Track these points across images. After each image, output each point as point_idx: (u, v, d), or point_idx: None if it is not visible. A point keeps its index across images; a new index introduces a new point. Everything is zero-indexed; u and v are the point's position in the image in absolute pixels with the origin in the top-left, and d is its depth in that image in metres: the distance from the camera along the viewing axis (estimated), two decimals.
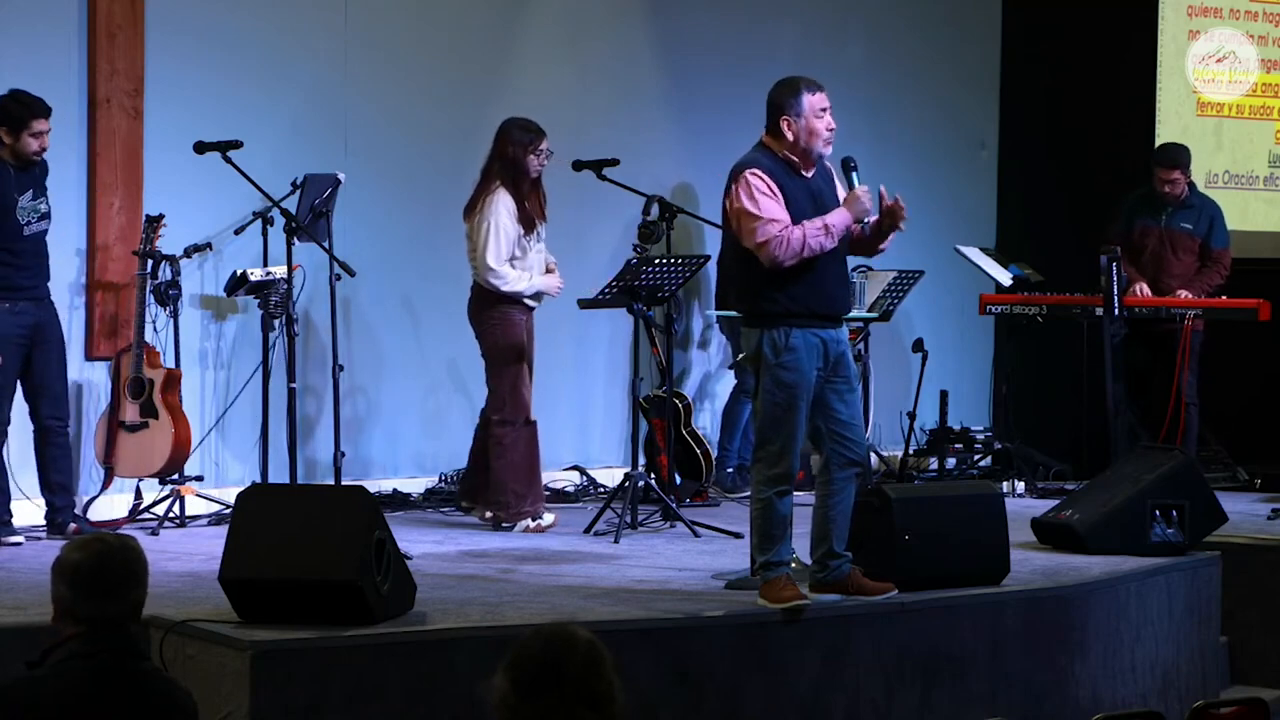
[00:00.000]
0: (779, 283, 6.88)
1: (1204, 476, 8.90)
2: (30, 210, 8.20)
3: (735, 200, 6.93)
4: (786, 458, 6.90)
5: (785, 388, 6.86)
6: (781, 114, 6.98)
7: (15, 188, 8.15)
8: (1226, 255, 10.68)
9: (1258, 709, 5.68)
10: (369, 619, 6.13)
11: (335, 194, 9.05)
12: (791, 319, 6.88)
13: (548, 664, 3.51)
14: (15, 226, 8.15)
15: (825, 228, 6.87)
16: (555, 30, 10.79)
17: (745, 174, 6.93)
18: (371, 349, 10.09)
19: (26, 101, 8.19)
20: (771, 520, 6.91)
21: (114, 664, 4.33)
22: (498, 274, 8.88)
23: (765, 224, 6.82)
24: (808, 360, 6.89)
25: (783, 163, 6.98)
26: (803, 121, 6.95)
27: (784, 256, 6.82)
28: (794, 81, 7.03)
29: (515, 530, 8.97)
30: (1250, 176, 11.97)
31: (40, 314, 8.25)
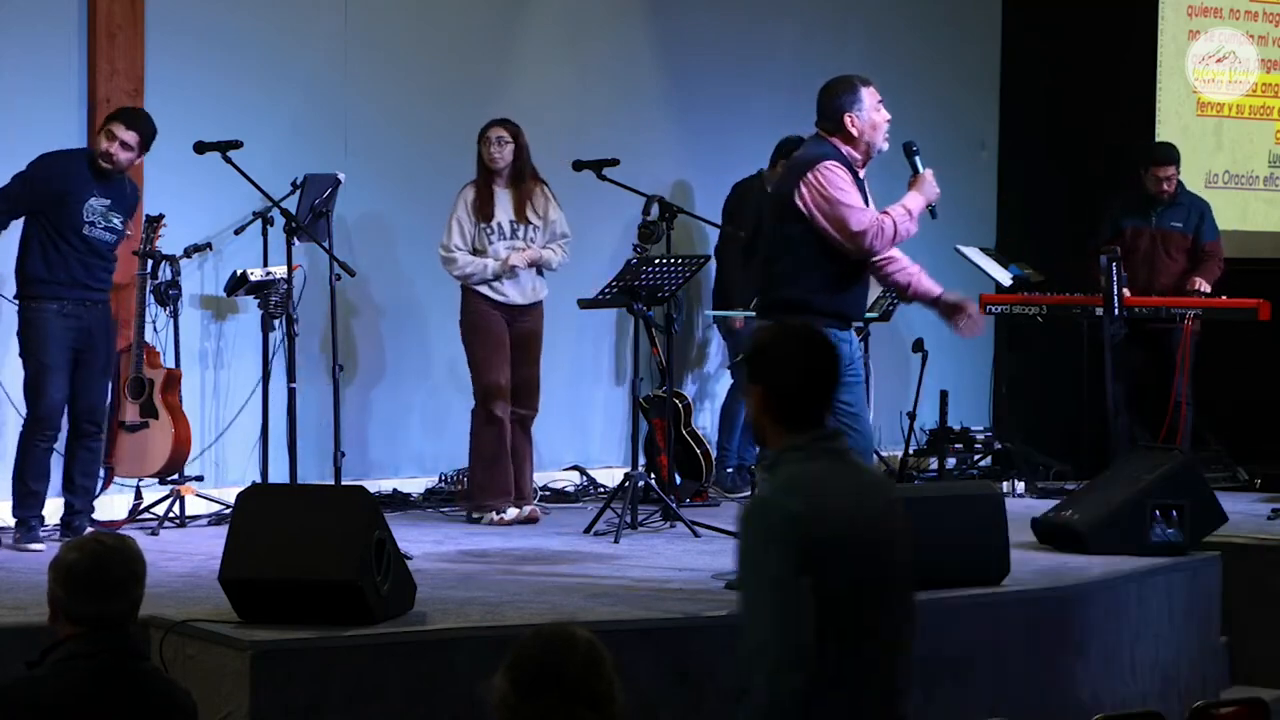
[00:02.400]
0: (820, 278, 6.93)
1: (1204, 476, 8.90)
2: (100, 214, 8.18)
3: (818, 192, 6.90)
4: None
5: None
6: (844, 111, 7.01)
7: (87, 186, 8.15)
8: (1218, 247, 10.68)
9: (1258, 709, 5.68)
10: (369, 619, 6.13)
11: (335, 194, 9.06)
12: (825, 316, 6.89)
13: (548, 664, 3.51)
14: (74, 221, 8.13)
15: (909, 213, 6.96)
16: (555, 30, 10.79)
17: (822, 167, 6.93)
18: (371, 349, 10.09)
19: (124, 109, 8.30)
20: None
21: (113, 664, 4.33)
22: (444, 258, 9.22)
23: (860, 212, 6.86)
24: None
25: (846, 161, 7.00)
26: (865, 115, 7.02)
27: (881, 245, 6.91)
28: (848, 79, 7.10)
29: (482, 522, 9.12)
30: (1250, 176, 11.96)
31: (90, 318, 8.22)
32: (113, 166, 8.18)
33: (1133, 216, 10.77)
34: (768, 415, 4.03)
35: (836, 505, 3.94)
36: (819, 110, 7.09)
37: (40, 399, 8.15)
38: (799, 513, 3.86)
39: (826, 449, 4.02)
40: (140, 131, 8.20)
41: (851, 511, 3.96)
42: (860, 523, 3.96)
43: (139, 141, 8.20)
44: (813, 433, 3.99)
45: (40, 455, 8.18)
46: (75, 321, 8.17)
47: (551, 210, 9.39)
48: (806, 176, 6.93)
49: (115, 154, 8.15)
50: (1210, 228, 10.70)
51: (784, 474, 4.00)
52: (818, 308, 6.91)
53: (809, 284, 6.93)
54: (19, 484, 8.19)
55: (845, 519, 3.93)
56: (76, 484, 8.30)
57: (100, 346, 8.29)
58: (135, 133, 8.18)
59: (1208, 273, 10.58)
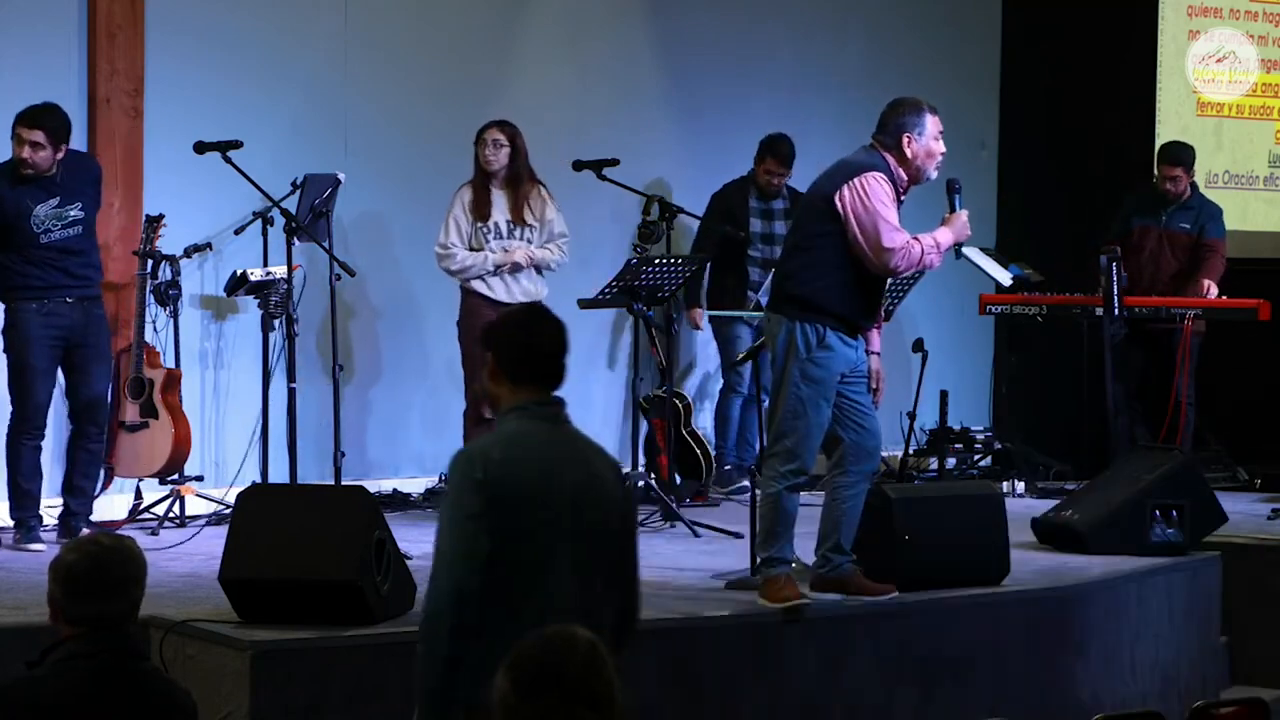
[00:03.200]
0: (830, 281, 6.96)
1: (1204, 476, 8.90)
2: (51, 217, 8.12)
3: (861, 199, 6.94)
4: (802, 454, 6.94)
5: (812, 383, 6.93)
6: (905, 131, 7.05)
7: (27, 197, 8.09)
8: (1222, 244, 10.65)
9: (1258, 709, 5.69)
10: (369, 619, 6.13)
11: (335, 194, 9.05)
12: (834, 320, 6.95)
13: (548, 664, 3.51)
14: (29, 234, 8.09)
15: (937, 245, 7.06)
16: (555, 30, 10.79)
17: (869, 176, 6.98)
18: (371, 349, 10.09)
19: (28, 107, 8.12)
20: (777, 516, 6.93)
21: (113, 664, 4.33)
22: (440, 254, 9.27)
23: (894, 231, 6.92)
24: (837, 362, 6.97)
25: (893, 178, 7.05)
26: (923, 141, 7.06)
27: (904, 266, 7.00)
28: (917, 101, 7.17)
29: None
30: (1250, 176, 11.96)
31: (77, 315, 8.19)
32: (35, 170, 8.07)
33: (1143, 215, 10.76)
34: (493, 380, 4.45)
35: (536, 464, 4.30)
36: (880, 124, 7.14)
37: (23, 398, 8.14)
38: (495, 461, 4.25)
39: (544, 414, 4.40)
40: (45, 126, 8.05)
41: (551, 472, 4.31)
42: (558, 485, 4.30)
43: (48, 136, 8.05)
44: (532, 398, 4.39)
45: (29, 454, 8.16)
46: (58, 319, 8.14)
47: (548, 211, 9.40)
48: (853, 181, 6.97)
49: (30, 157, 8.04)
50: (1216, 226, 10.69)
51: (500, 430, 4.41)
52: (830, 309, 6.95)
53: (826, 285, 6.97)
54: (12, 485, 8.20)
55: (541, 478, 4.29)
56: (75, 485, 8.29)
57: (92, 341, 8.24)
58: (40, 130, 8.04)
59: (1211, 270, 10.56)
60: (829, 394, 6.94)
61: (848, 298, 6.99)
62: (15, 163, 8.10)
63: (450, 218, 9.27)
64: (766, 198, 10.50)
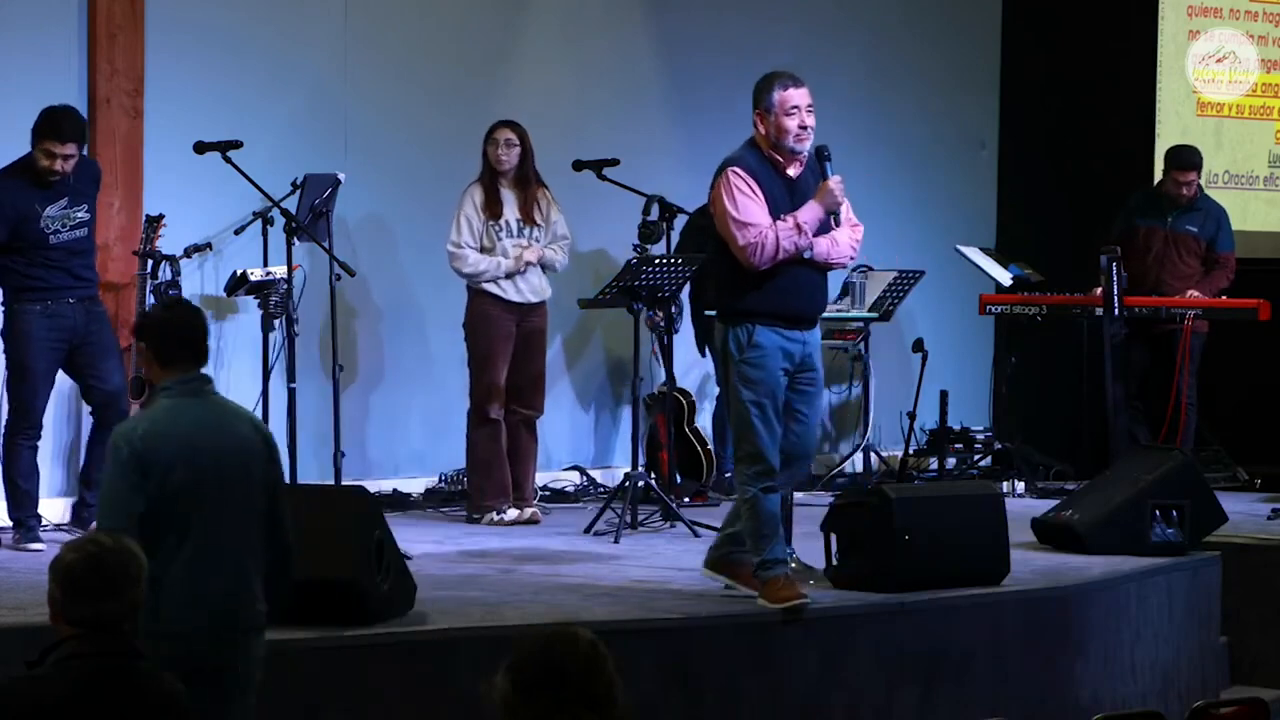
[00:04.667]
0: (751, 281, 6.92)
1: (1204, 476, 8.90)
2: (60, 219, 8.14)
3: (717, 200, 6.96)
4: (764, 455, 6.90)
5: (751, 384, 6.90)
6: (755, 108, 7.01)
7: (36, 199, 8.11)
8: (1231, 259, 10.67)
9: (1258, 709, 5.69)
10: (369, 619, 6.13)
11: (335, 194, 9.05)
12: (758, 317, 6.91)
13: (549, 664, 3.52)
14: (38, 235, 8.11)
15: (797, 226, 6.89)
16: (555, 30, 10.79)
17: (727, 172, 6.94)
18: (371, 349, 10.09)
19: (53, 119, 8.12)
20: (760, 519, 6.91)
21: (112, 664, 4.33)
22: (453, 254, 9.21)
23: (743, 229, 6.86)
24: (773, 358, 6.92)
25: (767, 161, 7.00)
26: (771, 118, 6.97)
27: (760, 261, 6.87)
28: (772, 76, 7.06)
29: (482, 522, 9.17)
30: (1250, 176, 11.96)
31: (79, 315, 8.20)
32: (61, 177, 8.12)
33: (1148, 216, 10.76)
34: (146, 365, 5.29)
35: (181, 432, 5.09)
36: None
37: (21, 399, 8.14)
38: (139, 436, 5.06)
39: (188, 389, 5.20)
40: (77, 140, 8.12)
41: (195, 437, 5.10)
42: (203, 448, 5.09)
43: (77, 147, 8.13)
44: (178, 376, 5.17)
45: (25, 454, 8.17)
46: (61, 320, 8.15)
47: (553, 213, 9.42)
48: (714, 185, 6.98)
49: (62, 169, 8.09)
50: (1226, 237, 10.69)
51: (150, 407, 5.25)
52: (752, 308, 6.93)
53: (744, 284, 6.94)
54: (9, 485, 8.20)
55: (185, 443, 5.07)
56: (93, 478, 8.24)
57: (95, 339, 8.24)
58: (74, 143, 8.10)
59: (1213, 282, 10.57)
60: (773, 390, 6.92)
61: (770, 291, 6.93)
62: (41, 171, 8.10)
63: (461, 216, 9.24)
64: None
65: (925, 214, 12.18)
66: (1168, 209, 10.72)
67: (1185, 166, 10.65)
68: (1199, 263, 10.69)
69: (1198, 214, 10.70)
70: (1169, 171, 10.75)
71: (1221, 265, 10.63)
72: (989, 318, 11.34)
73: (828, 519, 7.39)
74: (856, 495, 7.88)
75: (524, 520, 9.21)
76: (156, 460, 5.03)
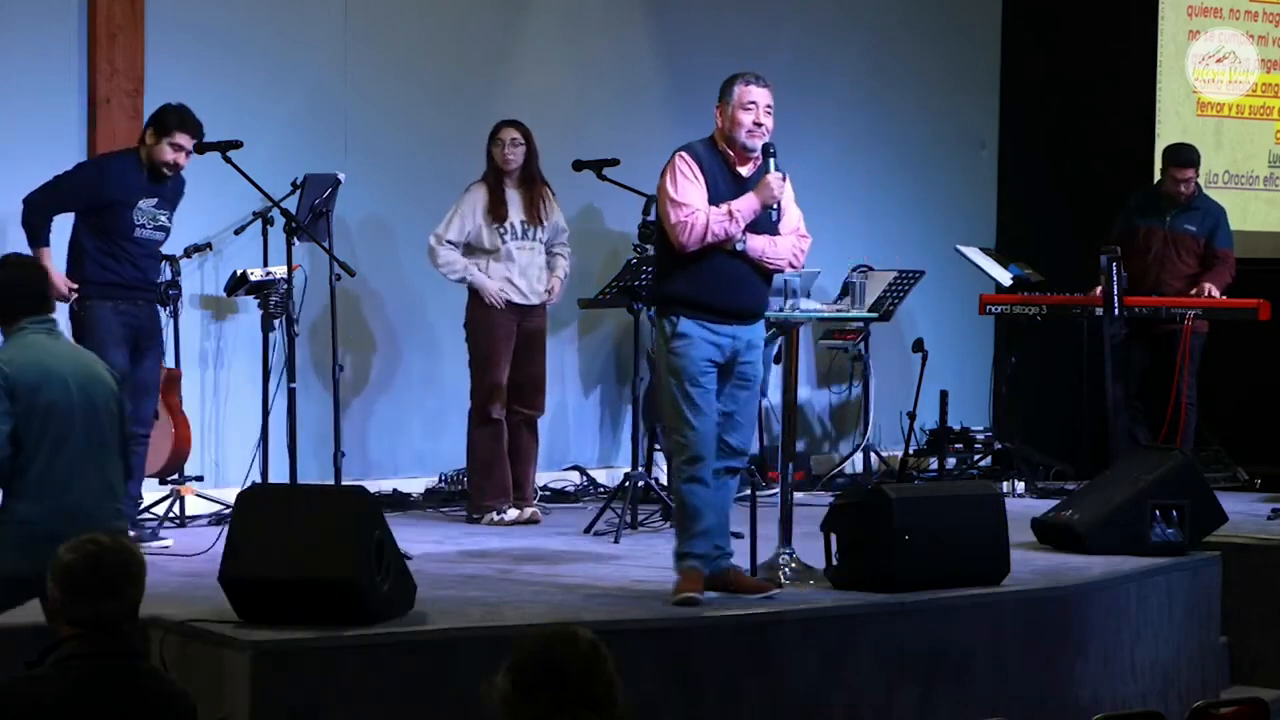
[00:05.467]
0: (683, 270, 6.96)
1: (1204, 476, 8.90)
2: (149, 215, 8.20)
3: (661, 183, 7.04)
4: (692, 444, 6.91)
5: (676, 373, 6.93)
6: (718, 101, 7.09)
7: (139, 189, 8.15)
8: (1231, 255, 10.67)
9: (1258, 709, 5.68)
10: (369, 619, 6.13)
11: (335, 194, 9.05)
12: (684, 307, 6.94)
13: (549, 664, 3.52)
14: (128, 224, 8.15)
15: (730, 213, 6.93)
16: (555, 30, 10.79)
17: (674, 156, 7.05)
18: (371, 349, 10.09)
19: (182, 114, 8.21)
20: (684, 510, 6.98)
21: (112, 664, 4.33)
22: (431, 248, 9.25)
23: (677, 208, 6.92)
24: (698, 349, 6.93)
25: (719, 155, 7.06)
26: (729, 110, 7.04)
27: (688, 241, 6.90)
28: (737, 73, 7.14)
29: (482, 522, 9.17)
30: (1250, 176, 11.96)
31: (141, 317, 8.23)
32: (174, 173, 8.22)
33: (1147, 216, 10.76)
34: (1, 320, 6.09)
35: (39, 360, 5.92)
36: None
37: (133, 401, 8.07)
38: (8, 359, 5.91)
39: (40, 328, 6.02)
40: (198, 136, 8.25)
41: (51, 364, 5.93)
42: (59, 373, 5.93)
43: (195, 146, 8.26)
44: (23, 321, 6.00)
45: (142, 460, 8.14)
46: (129, 319, 8.17)
47: (555, 213, 9.42)
48: (669, 163, 7.05)
49: (182, 163, 8.21)
50: (1225, 234, 10.69)
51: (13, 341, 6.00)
52: (678, 297, 6.96)
53: (673, 274, 7.00)
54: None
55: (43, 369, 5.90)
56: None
57: (148, 347, 8.27)
58: (196, 138, 8.22)
59: (1218, 278, 10.57)
60: (700, 380, 6.92)
61: (699, 282, 6.95)
62: (157, 165, 8.16)
63: (456, 214, 9.24)
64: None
65: (925, 214, 12.18)
66: (1167, 209, 10.72)
67: (1183, 164, 10.65)
68: (1197, 262, 10.69)
69: (1196, 213, 10.71)
70: (1167, 169, 10.75)
71: (1221, 262, 10.63)
72: (989, 318, 11.35)
73: (828, 519, 7.39)
74: (856, 495, 7.88)
75: (524, 520, 9.21)
76: (21, 383, 5.85)
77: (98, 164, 8.33)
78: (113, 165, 8.24)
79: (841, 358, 11.73)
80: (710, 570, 7.01)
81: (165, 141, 8.16)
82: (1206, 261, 10.67)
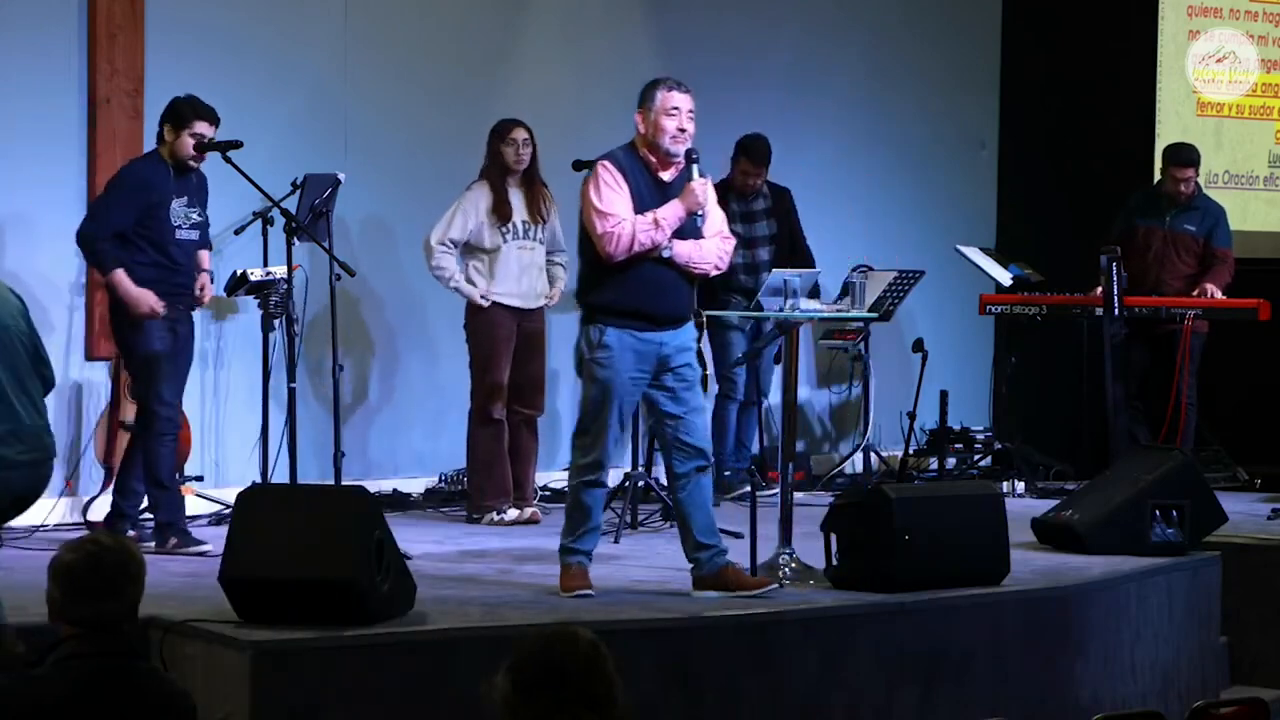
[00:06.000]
0: (603, 279, 7.03)
1: (1204, 476, 8.90)
2: (182, 215, 8.17)
3: (584, 194, 7.08)
4: (597, 450, 7.02)
5: (597, 383, 7.03)
6: (639, 106, 7.14)
7: (170, 189, 8.12)
8: (1230, 255, 10.67)
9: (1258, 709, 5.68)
10: (369, 619, 6.13)
11: (335, 194, 9.06)
12: (611, 317, 6.99)
13: (550, 664, 3.52)
14: (165, 229, 8.11)
15: (655, 222, 6.99)
16: (555, 30, 10.79)
17: (597, 165, 7.10)
18: (371, 349, 10.09)
19: (194, 104, 8.18)
20: (575, 506, 7.09)
21: (112, 664, 4.34)
22: (427, 248, 9.22)
23: (603, 218, 6.96)
24: (622, 360, 6.99)
25: (641, 161, 7.10)
26: (652, 116, 7.10)
27: (615, 251, 6.95)
28: (659, 79, 7.23)
29: (482, 522, 9.18)
30: (1250, 176, 11.97)
31: (180, 323, 8.20)
32: (197, 166, 8.19)
33: (1147, 216, 10.76)
34: None
35: None
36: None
37: (157, 389, 8.05)
38: None
39: None
40: (216, 121, 8.20)
41: None
42: None
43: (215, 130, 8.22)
44: None
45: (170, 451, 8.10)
46: (169, 323, 8.13)
47: (554, 213, 9.43)
48: (592, 171, 7.08)
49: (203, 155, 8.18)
50: (1224, 234, 10.69)
51: None
52: (605, 308, 7.01)
53: (599, 285, 7.05)
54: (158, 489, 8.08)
55: None
56: (129, 487, 8.20)
57: (184, 350, 8.21)
58: (215, 124, 8.19)
59: (1218, 277, 10.57)
60: (622, 391, 7.00)
61: (626, 290, 7.00)
62: (182, 159, 8.12)
63: (458, 213, 9.21)
64: (746, 199, 10.46)
65: (925, 214, 12.18)
66: (1166, 208, 10.72)
67: (1183, 164, 10.66)
68: (1197, 262, 10.69)
69: (1195, 213, 10.71)
70: (1167, 169, 10.75)
71: (1221, 261, 10.63)
72: (989, 318, 11.35)
73: (828, 519, 7.39)
74: (856, 495, 7.88)
75: (524, 520, 9.21)
76: None
77: (130, 171, 8.21)
78: (142, 169, 8.17)
79: (841, 358, 11.73)
80: (707, 570, 7.05)
81: (185, 133, 8.13)
82: (1206, 261, 10.67)
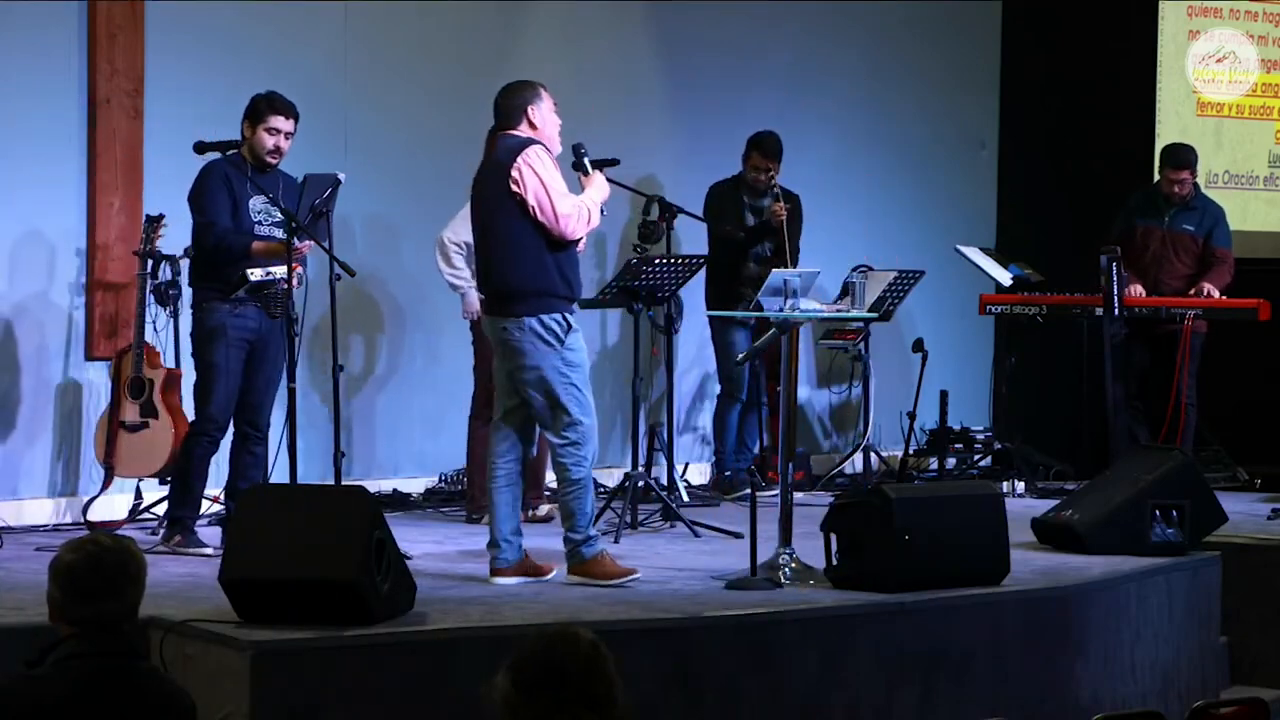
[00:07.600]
0: (555, 264, 7.20)
1: (1204, 476, 8.90)
2: (262, 212, 8.13)
3: (528, 177, 7.16)
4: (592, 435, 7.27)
5: (576, 368, 7.22)
6: (526, 105, 7.32)
7: (248, 187, 8.09)
8: (1229, 255, 10.68)
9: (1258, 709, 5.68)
10: (369, 619, 6.13)
11: (335, 194, 9.03)
12: (564, 300, 7.23)
13: (550, 665, 3.52)
14: (247, 224, 8.09)
15: (596, 204, 7.30)
16: (555, 30, 10.79)
17: (530, 151, 7.21)
18: (372, 349, 10.09)
19: (271, 98, 8.17)
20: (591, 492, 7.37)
21: (112, 664, 4.33)
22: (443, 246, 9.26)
23: (564, 197, 7.18)
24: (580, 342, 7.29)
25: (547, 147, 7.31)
26: (544, 112, 7.34)
27: (578, 228, 7.20)
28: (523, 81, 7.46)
29: (482, 523, 9.11)
30: (1250, 176, 11.97)
31: (264, 321, 8.17)
32: (277, 161, 8.15)
33: (1146, 216, 10.77)
34: None
35: None
36: (504, 115, 7.38)
37: (207, 399, 8.07)
38: None
39: None
40: (293, 114, 8.18)
41: None
42: None
43: (295, 124, 8.20)
44: None
45: (202, 455, 8.11)
46: (247, 321, 8.11)
47: None
48: (519, 158, 7.16)
49: (284, 147, 8.14)
50: (1223, 234, 10.70)
51: None
52: (555, 291, 7.18)
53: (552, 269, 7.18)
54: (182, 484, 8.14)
55: None
56: (238, 489, 8.16)
57: (272, 352, 8.17)
58: (294, 120, 8.16)
59: (1217, 278, 10.57)
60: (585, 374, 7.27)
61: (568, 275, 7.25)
62: (259, 155, 8.09)
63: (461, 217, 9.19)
64: (757, 195, 10.48)
65: (925, 214, 12.18)
66: (1166, 209, 10.72)
67: (1178, 165, 10.66)
68: (1196, 262, 10.69)
69: (1194, 213, 10.71)
70: (1163, 170, 10.76)
71: (1220, 261, 10.63)
72: (989, 318, 11.35)
73: (828, 519, 7.39)
74: (856, 495, 7.88)
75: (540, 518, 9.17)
76: None
77: (208, 167, 8.13)
78: (221, 167, 8.11)
79: (841, 358, 11.73)
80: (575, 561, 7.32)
81: (261, 129, 8.10)
82: (1205, 261, 10.67)
